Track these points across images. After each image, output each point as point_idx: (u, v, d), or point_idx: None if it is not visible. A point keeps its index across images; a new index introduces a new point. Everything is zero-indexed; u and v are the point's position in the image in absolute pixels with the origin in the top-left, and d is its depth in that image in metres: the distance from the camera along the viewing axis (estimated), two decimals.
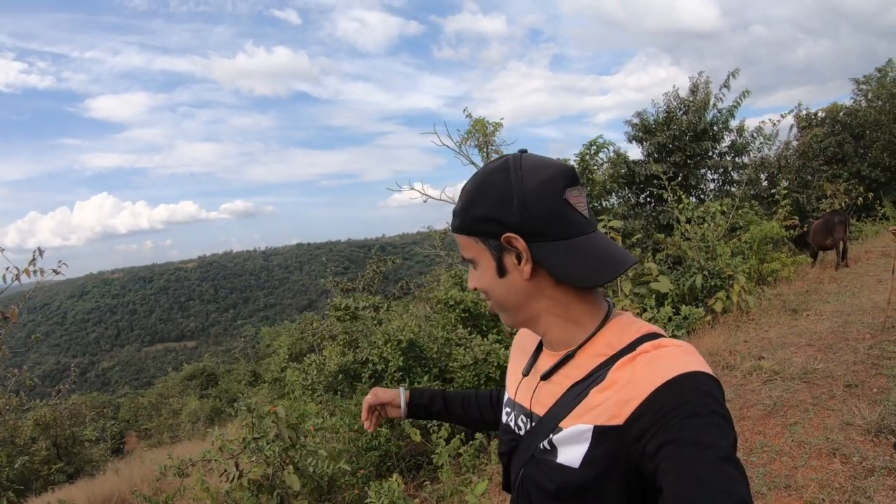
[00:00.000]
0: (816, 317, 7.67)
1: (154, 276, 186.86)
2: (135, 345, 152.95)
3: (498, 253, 1.18)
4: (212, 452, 5.43)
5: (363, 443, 6.72)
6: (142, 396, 31.65)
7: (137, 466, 12.87)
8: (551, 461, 1.16)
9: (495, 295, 1.24)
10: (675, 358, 1.04)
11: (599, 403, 1.09)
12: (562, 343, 1.23)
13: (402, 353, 7.13)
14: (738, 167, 16.42)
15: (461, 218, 1.23)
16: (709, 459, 0.90)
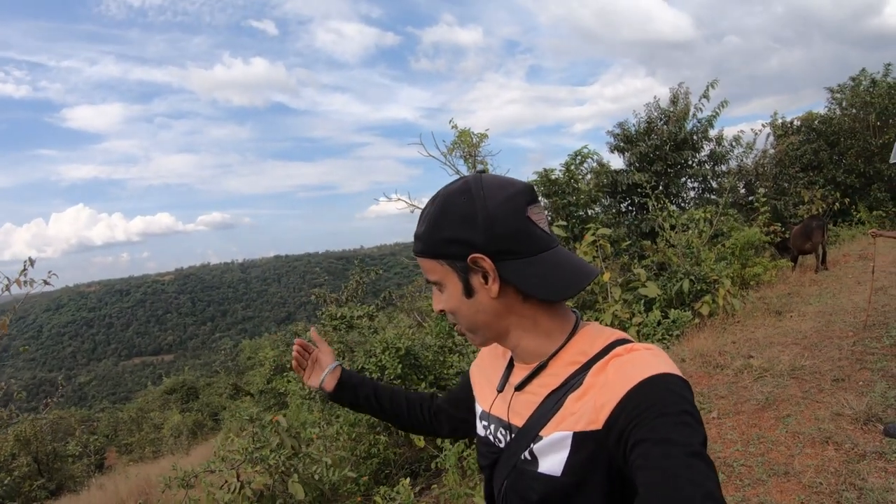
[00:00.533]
0: (800, 317, 7.90)
1: (131, 289, 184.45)
2: (112, 359, 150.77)
3: (464, 274, 1.19)
4: (215, 462, 5.49)
5: (361, 451, 6.81)
6: (120, 411, 31.29)
7: (122, 482, 12.83)
8: (533, 471, 1.17)
9: (463, 316, 1.24)
10: (645, 361, 1.07)
11: (577, 410, 1.11)
12: (533, 355, 1.25)
13: (399, 361, 7.21)
14: (717, 175, 16.73)
15: (424, 241, 1.22)
16: (679, 455, 0.93)
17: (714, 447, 4.64)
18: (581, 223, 11.13)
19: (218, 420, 23.79)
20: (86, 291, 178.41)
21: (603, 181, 14.95)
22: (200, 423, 23.94)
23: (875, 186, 18.99)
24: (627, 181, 15.02)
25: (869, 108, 18.99)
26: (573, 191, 11.71)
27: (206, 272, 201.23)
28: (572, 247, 9.02)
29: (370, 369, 7.29)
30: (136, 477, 12.98)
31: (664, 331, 7.75)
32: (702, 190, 16.80)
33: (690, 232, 9.96)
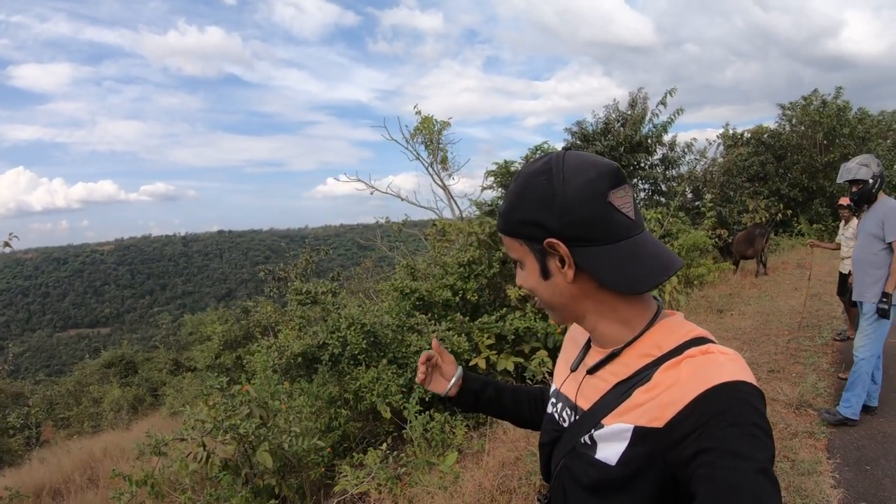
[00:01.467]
0: (740, 316, 8.41)
1: (69, 258, 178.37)
2: (47, 330, 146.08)
3: (541, 256, 1.17)
4: (186, 431, 5.57)
5: (322, 424, 6.99)
6: (56, 384, 30.64)
7: (65, 456, 12.67)
8: (590, 456, 1.17)
9: (541, 296, 1.23)
10: (720, 365, 1.04)
11: (642, 404, 1.09)
12: (609, 341, 1.22)
13: (364, 337, 7.40)
14: (668, 179, 17.28)
15: (505, 220, 1.21)
16: (745, 470, 0.92)
17: None
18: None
19: (157, 396, 23.41)
20: (22, 259, 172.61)
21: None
22: (140, 398, 23.48)
23: (817, 201, 19.95)
24: None
25: (817, 127, 19.85)
26: None
27: (147, 244, 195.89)
28: None
29: (332, 344, 7.44)
30: (79, 451, 12.84)
31: None
32: (652, 192, 17.34)
33: None
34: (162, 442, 5.66)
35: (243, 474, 5.33)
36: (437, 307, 8.31)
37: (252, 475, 5.35)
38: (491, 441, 5.24)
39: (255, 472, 5.36)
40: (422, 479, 4.91)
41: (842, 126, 19.68)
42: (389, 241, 13.23)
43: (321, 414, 7.14)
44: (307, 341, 7.74)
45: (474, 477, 4.62)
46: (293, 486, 5.46)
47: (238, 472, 5.36)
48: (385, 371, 7.15)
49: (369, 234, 15.24)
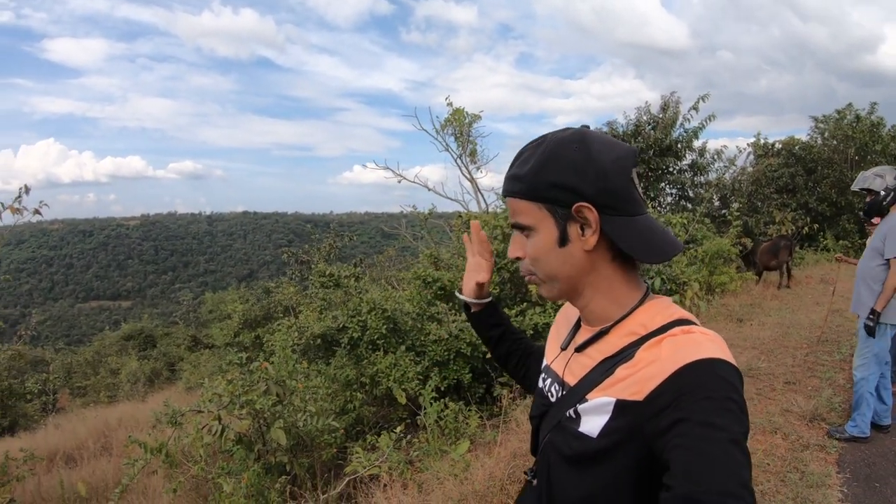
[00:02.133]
0: (759, 326, 8.36)
1: (94, 231, 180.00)
2: (69, 300, 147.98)
3: (563, 221, 1.19)
4: (203, 403, 5.65)
5: (337, 406, 7.06)
6: (75, 353, 30.95)
7: (80, 423, 12.84)
8: (574, 429, 1.20)
9: (548, 264, 1.23)
10: (699, 344, 1.07)
11: (624, 378, 1.12)
12: (599, 318, 1.26)
13: (384, 322, 7.45)
14: (696, 185, 17.16)
15: (527, 182, 1.21)
16: (719, 440, 0.93)
17: None
18: None
19: (174, 370, 23.57)
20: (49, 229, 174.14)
21: None
22: (157, 372, 23.62)
23: (845, 217, 19.69)
24: None
25: (849, 142, 19.59)
26: None
27: (172, 221, 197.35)
28: None
29: (352, 327, 7.50)
30: (94, 419, 13.03)
31: None
32: (679, 197, 17.23)
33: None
34: (179, 413, 5.67)
35: (256, 450, 5.38)
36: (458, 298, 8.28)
37: (265, 451, 5.41)
38: (504, 433, 5.27)
39: (267, 449, 5.42)
40: (433, 465, 4.95)
41: (874, 142, 19.40)
42: (414, 230, 13.23)
43: (337, 396, 7.21)
44: (327, 323, 7.81)
45: (485, 466, 4.65)
46: (304, 464, 5.51)
47: (251, 447, 5.41)
48: (403, 357, 7.20)
49: (394, 223, 15.23)
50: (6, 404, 15.66)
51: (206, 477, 5.46)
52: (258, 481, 4.98)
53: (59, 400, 21.22)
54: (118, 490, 5.26)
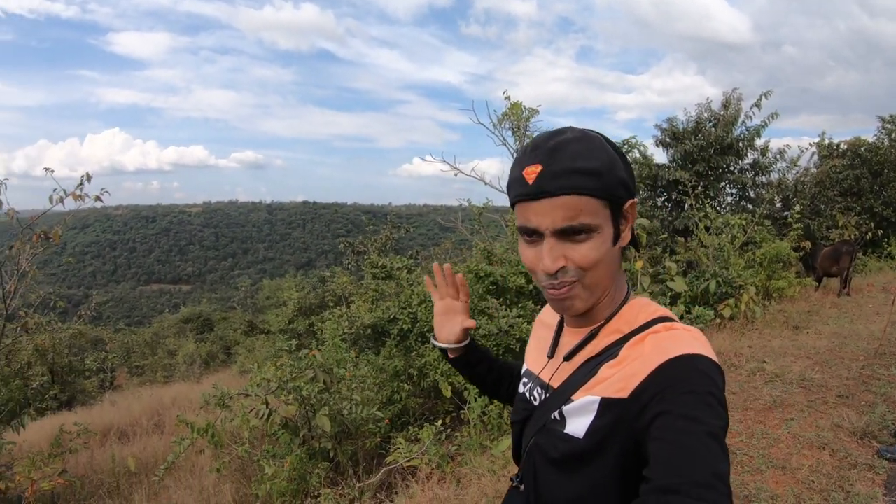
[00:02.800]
0: (816, 335, 8.11)
1: (157, 217, 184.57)
2: (130, 282, 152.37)
3: (617, 219, 1.15)
4: (251, 388, 5.72)
5: (384, 396, 7.12)
6: (135, 334, 31.68)
7: (135, 401, 13.14)
8: (560, 431, 1.19)
9: (603, 268, 1.15)
10: (682, 340, 1.08)
11: (608, 377, 1.13)
12: (590, 320, 1.24)
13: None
14: (757, 185, 16.74)
15: (602, 180, 1.10)
16: (697, 433, 0.94)
17: None
18: None
19: (230, 354, 24.00)
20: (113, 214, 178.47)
21: (644, 173, 15.07)
22: (213, 355, 24.06)
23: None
24: (668, 177, 15.05)
25: None
26: None
27: (234, 209, 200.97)
28: None
29: (402, 319, 7.55)
30: (149, 397, 13.36)
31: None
32: (739, 197, 16.79)
33: (724, 236, 10.09)
34: (227, 395, 5.79)
35: (301, 435, 5.46)
36: (509, 293, 8.27)
37: (310, 437, 5.48)
38: None
39: (312, 435, 5.48)
40: (473, 461, 4.96)
41: None
42: (470, 224, 13.20)
43: (384, 386, 7.25)
44: (378, 314, 7.86)
45: None
46: (348, 451, 5.57)
47: (297, 432, 5.49)
48: None
49: (452, 216, 15.17)
50: (66, 380, 16.05)
51: (252, 458, 5.56)
52: (300, 465, 5.06)
53: (117, 378, 21.80)
54: (163, 466, 5.42)
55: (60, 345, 15.65)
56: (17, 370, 10.61)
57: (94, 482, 6.94)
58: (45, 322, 8.99)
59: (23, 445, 6.92)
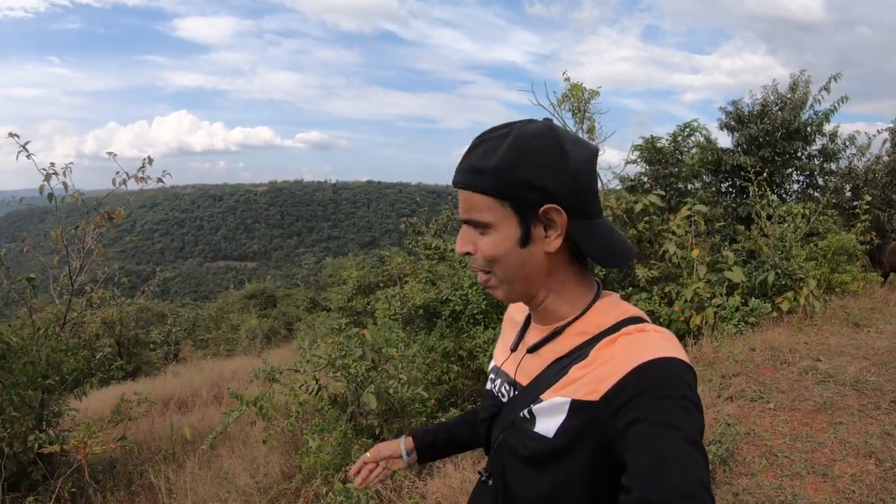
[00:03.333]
0: (877, 334, 7.79)
1: (224, 196, 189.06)
2: (197, 259, 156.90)
3: (528, 222, 1.14)
4: (301, 363, 5.84)
5: (433, 376, 7.13)
6: (200, 308, 32.41)
7: (197, 373, 13.48)
8: (529, 429, 1.19)
9: (506, 265, 1.19)
10: (654, 342, 1.08)
11: (578, 379, 1.13)
12: (552, 318, 1.26)
13: (485, 298, 7.48)
14: (825, 173, 16.18)
15: (495, 179, 1.13)
16: (675, 440, 0.94)
17: (764, 435, 4.80)
18: (679, 195, 10.92)
19: (292, 329, 24.34)
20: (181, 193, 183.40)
21: (708, 157, 14.61)
22: (275, 330, 24.39)
23: None
24: (732, 162, 14.60)
25: None
26: (676, 162, 11.42)
27: (299, 188, 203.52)
28: (666, 217, 9.03)
29: (454, 301, 7.59)
30: (210, 370, 13.66)
31: (741, 317, 7.79)
32: (806, 185, 16.25)
33: (786, 225, 9.81)
34: (277, 370, 5.95)
35: (349, 411, 5.54)
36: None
37: (357, 413, 5.56)
38: None
39: (360, 411, 5.57)
40: None
41: None
42: None
43: (434, 366, 7.31)
44: (430, 295, 7.90)
45: None
46: (394, 429, 5.63)
47: (344, 408, 5.56)
48: None
49: None
50: (132, 352, 16.68)
51: (300, 431, 5.68)
52: (345, 441, 5.15)
53: (182, 350, 22.40)
54: (211, 436, 5.62)
55: (127, 318, 16.22)
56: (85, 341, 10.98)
57: (151, 448, 7.17)
58: (108, 297, 9.29)
59: (86, 412, 7.17)
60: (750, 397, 5.59)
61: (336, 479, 4.75)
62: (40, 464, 5.67)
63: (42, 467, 5.69)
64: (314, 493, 4.85)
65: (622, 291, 8.02)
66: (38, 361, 6.04)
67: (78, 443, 5.43)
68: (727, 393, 5.71)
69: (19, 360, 5.98)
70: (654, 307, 7.76)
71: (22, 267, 11.96)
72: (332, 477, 4.94)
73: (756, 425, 5.00)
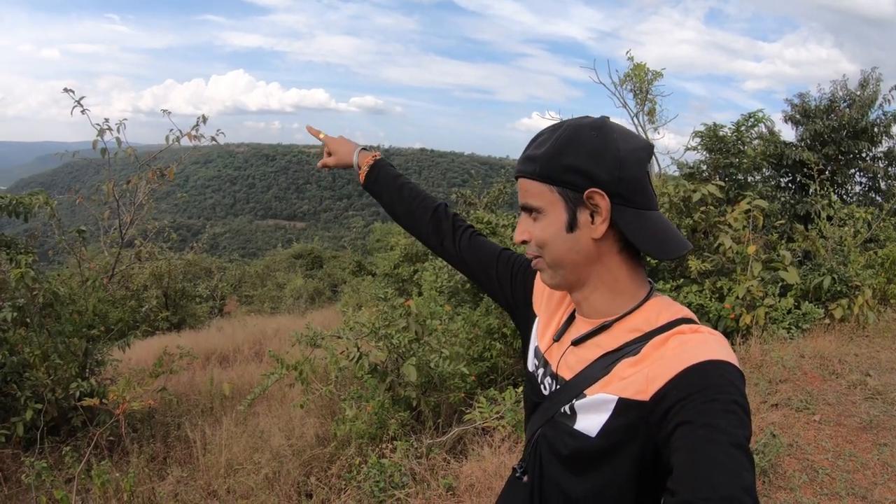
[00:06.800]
0: None
1: (277, 156, 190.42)
2: (248, 216, 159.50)
3: (574, 206, 1.17)
4: (344, 330, 5.86)
5: (475, 352, 7.10)
6: (248, 265, 32.92)
7: (239, 329, 13.73)
8: (569, 426, 1.19)
9: (554, 250, 1.21)
10: (706, 344, 1.06)
11: (627, 376, 1.11)
12: (598, 312, 1.24)
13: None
14: (889, 177, 15.68)
15: (542, 164, 1.19)
16: (723, 443, 0.92)
17: (807, 448, 4.67)
18: (738, 188, 10.66)
19: (336, 292, 24.69)
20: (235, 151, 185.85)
21: (770, 150, 14.02)
22: (320, 291, 24.83)
23: None
24: (795, 157, 14.18)
25: None
26: (738, 152, 11.14)
27: None
28: (724, 209, 8.81)
29: None
30: (253, 327, 13.85)
31: (792, 321, 7.60)
32: (868, 187, 15.79)
33: (846, 229, 9.53)
34: (319, 335, 5.95)
35: (388, 381, 5.56)
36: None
37: (396, 383, 5.58)
38: None
39: (399, 382, 5.58)
40: None
41: None
42: None
43: (476, 342, 7.26)
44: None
45: None
46: (431, 403, 5.64)
47: (384, 378, 5.58)
48: None
49: None
50: (178, 304, 17.07)
51: (338, 398, 5.71)
52: (382, 411, 5.16)
53: (227, 305, 22.81)
54: (249, 397, 5.66)
55: (175, 271, 16.53)
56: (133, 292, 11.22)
57: (190, 401, 7.29)
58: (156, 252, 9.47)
59: (129, 362, 7.31)
60: (796, 406, 5.42)
61: (370, 451, 4.77)
62: (80, 411, 5.81)
63: (82, 414, 5.84)
64: (348, 463, 4.86)
65: (673, 282, 7.86)
66: (85, 311, 6.16)
67: (117, 397, 5.53)
68: (773, 399, 5.55)
69: (67, 309, 6.10)
70: (705, 301, 7.59)
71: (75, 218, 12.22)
72: (366, 447, 4.96)
73: (800, 437, 4.85)
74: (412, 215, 1.82)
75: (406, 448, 4.57)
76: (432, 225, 1.75)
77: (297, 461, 5.09)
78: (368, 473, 4.13)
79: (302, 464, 5.10)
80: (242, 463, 5.13)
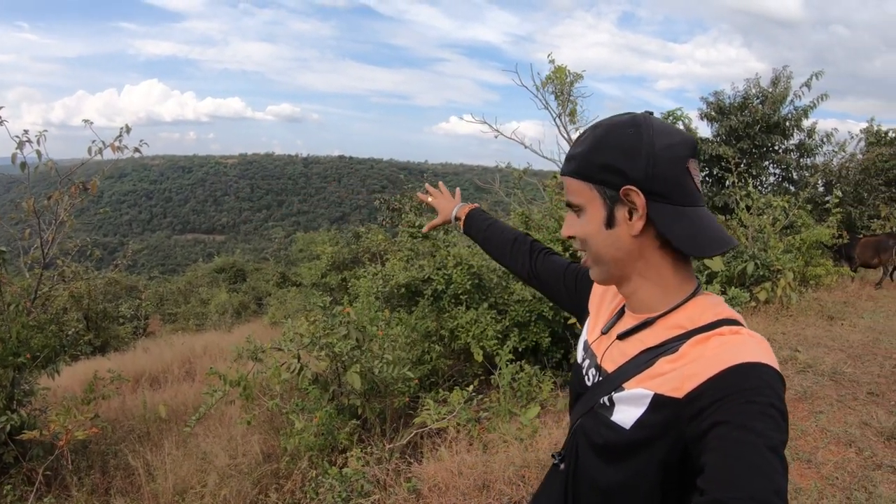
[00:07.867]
0: (850, 327, 7.95)
1: (194, 167, 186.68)
2: (166, 231, 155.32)
3: (612, 203, 1.19)
4: (284, 342, 5.77)
5: (414, 355, 7.08)
6: (169, 282, 32.18)
7: (167, 348, 13.40)
8: (606, 417, 1.21)
9: (595, 246, 1.24)
10: (746, 346, 1.06)
11: (665, 373, 1.12)
12: (645, 307, 1.25)
13: (469, 278, 7.48)
14: (801, 167, 16.39)
15: (580, 162, 1.23)
16: (757, 445, 0.92)
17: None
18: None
19: (261, 304, 24.36)
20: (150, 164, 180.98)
21: None
22: (245, 305, 24.41)
23: None
24: (711, 152, 14.79)
25: None
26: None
27: (269, 161, 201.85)
28: None
29: (437, 280, 7.58)
30: (180, 345, 13.61)
31: None
32: (782, 178, 16.51)
33: (765, 217, 9.94)
34: (260, 349, 5.86)
35: (331, 391, 5.50)
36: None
37: (339, 393, 5.53)
38: None
39: (342, 391, 5.53)
40: (500, 427, 4.97)
41: None
42: (507, 186, 13.07)
43: (415, 346, 7.29)
44: (413, 274, 7.88)
45: (552, 434, 4.66)
46: (376, 409, 5.60)
47: (327, 388, 5.54)
48: (484, 315, 7.24)
49: (488, 177, 15.00)
50: (100, 326, 16.33)
51: (281, 411, 5.64)
52: (329, 421, 5.12)
53: (150, 325, 22.16)
54: (195, 417, 5.48)
55: (95, 291, 15.90)
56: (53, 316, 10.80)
57: (125, 427, 7.06)
58: (81, 270, 9.09)
59: (56, 390, 7.07)
60: None
61: (324, 462, 4.73)
62: (11, 446, 5.51)
63: (13, 449, 5.52)
64: (302, 476, 4.81)
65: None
66: (9, 338, 5.86)
67: (58, 427, 5.29)
68: None
69: None
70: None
71: None
72: (317, 458, 4.91)
73: None
74: (503, 257, 1.96)
75: (361, 456, 4.55)
76: (517, 259, 1.90)
77: (247, 480, 5.01)
78: (330, 485, 4.09)
79: (254, 481, 5.02)
80: (192, 486, 5.02)
